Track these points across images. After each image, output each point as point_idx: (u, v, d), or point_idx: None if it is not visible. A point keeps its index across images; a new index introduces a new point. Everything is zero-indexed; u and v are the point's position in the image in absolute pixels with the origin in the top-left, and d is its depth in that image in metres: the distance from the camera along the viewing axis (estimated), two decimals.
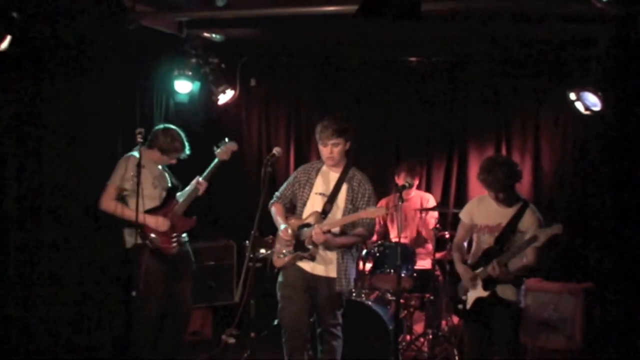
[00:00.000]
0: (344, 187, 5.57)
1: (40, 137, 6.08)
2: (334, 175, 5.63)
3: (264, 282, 6.38)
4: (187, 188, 6.37)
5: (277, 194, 5.86)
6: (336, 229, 5.48)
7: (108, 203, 6.01)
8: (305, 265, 5.59)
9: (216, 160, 6.35)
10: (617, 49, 6.57)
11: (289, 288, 5.62)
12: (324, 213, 5.52)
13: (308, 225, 5.52)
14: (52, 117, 6.16)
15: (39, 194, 6.09)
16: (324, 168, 5.70)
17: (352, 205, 5.54)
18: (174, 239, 6.14)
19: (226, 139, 6.45)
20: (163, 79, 7.41)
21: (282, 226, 5.59)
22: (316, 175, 5.70)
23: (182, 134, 6.33)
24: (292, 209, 5.84)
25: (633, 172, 7.02)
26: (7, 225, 5.87)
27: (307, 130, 8.66)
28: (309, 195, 5.66)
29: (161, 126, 6.34)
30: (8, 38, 5.24)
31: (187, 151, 6.34)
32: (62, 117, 6.23)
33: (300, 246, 5.55)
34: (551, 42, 7.29)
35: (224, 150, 6.38)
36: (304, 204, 5.67)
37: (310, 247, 5.48)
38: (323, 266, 5.56)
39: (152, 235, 6.01)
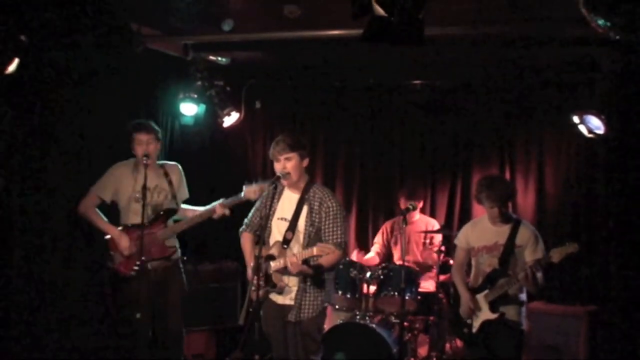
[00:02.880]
0: (304, 209, 5.19)
1: (46, 157, 6.15)
2: (295, 197, 5.27)
3: None
4: (204, 208, 6.08)
5: (246, 220, 5.56)
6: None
7: (86, 209, 5.95)
8: (274, 297, 5.31)
9: (237, 196, 5.88)
10: (620, 72, 6.60)
11: (268, 324, 5.33)
12: (286, 242, 5.18)
13: (272, 257, 5.21)
14: (59, 138, 6.24)
15: (44, 213, 6.16)
16: (285, 191, 5.34)
17: (313, 227, 5.14)
18: (137, 265, 5.75)
19: (259, 180, 5.91)
20: (169, 101, 7.46)
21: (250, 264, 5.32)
22: (278, 199, 5.35)
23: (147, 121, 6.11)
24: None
25: (637, 194, 7.03)
26: (11, 239, 5.95)
27: (312, 153, 8.63)
28: (271, 220, 5.31)
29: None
30: (16, 61, 5.30)
31: (158, 130, 6.04)
32: (68, 138, 6.31)
33: (269, 281, 5.21)
34: (554, 65, 7.34)
35: (254, 189, 5.77)
36: (270, 232, 5.35)
37: (276, 282, 5.18)
38: (287, 295, 5.25)
39: (114, 252, 5.84)
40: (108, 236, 5.88)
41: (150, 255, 5.86)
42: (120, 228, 5.90)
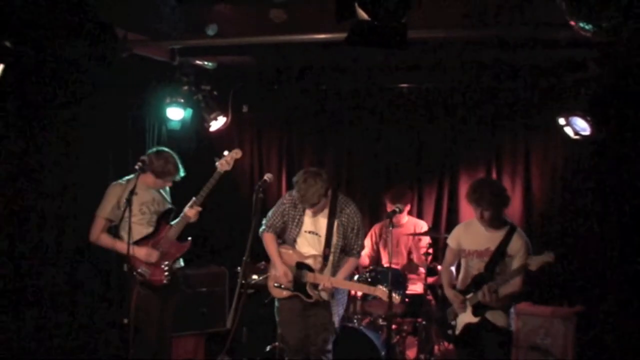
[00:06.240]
0: (335, 224, 5.67)
1: (31, 164, 6.12)
2: (323, 213, 5.71)
3: (257, 308, 6.39)
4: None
5: (266, 222, 5.87)
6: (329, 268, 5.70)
7: (98, 236, 5.96)
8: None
9: (215, 173, 6.08)
10: (606, 74, 6.62)
11: (288, 312, 5.76)
12: (325, 259, 5.66)
13: (308, 267, 5.66)
14: (44, 144, 6.21)
15: (31, 219, 6.14)
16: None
17: (343, 240, 5.69)
18: (166, 268, 5.98)
19: (226, 152, 6.23)
20: (155, 106, 7.44)
21: (280, 267, 5.73)
22: (304, 212, 5.75)
23: (176, 156, 6.18)
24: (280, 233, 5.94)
25: (622, 195, 7.06)
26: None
27: (299, 157, 8.73)
28: (298, 233, 5.77)
29: (154, 149, 6.20)
30: (1, 67, 5.27)
31: (182, 173, 6.17)
32: (53, 144, 6.28)
33: (301, 288, 5.68)
34: (540, 68, 7.35)
35: (226, 159, 6.17)
36: (294, 240, 5.81)
37: (312, 294, 5.64)
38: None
39: (141, 268, 5.88)
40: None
41: (174, 255, 6.08)
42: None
